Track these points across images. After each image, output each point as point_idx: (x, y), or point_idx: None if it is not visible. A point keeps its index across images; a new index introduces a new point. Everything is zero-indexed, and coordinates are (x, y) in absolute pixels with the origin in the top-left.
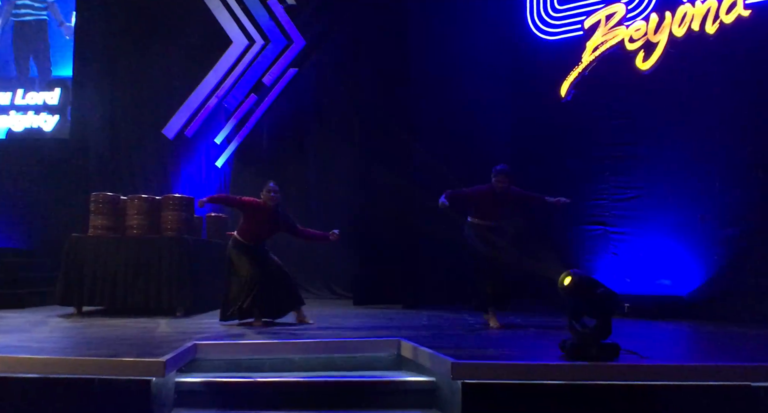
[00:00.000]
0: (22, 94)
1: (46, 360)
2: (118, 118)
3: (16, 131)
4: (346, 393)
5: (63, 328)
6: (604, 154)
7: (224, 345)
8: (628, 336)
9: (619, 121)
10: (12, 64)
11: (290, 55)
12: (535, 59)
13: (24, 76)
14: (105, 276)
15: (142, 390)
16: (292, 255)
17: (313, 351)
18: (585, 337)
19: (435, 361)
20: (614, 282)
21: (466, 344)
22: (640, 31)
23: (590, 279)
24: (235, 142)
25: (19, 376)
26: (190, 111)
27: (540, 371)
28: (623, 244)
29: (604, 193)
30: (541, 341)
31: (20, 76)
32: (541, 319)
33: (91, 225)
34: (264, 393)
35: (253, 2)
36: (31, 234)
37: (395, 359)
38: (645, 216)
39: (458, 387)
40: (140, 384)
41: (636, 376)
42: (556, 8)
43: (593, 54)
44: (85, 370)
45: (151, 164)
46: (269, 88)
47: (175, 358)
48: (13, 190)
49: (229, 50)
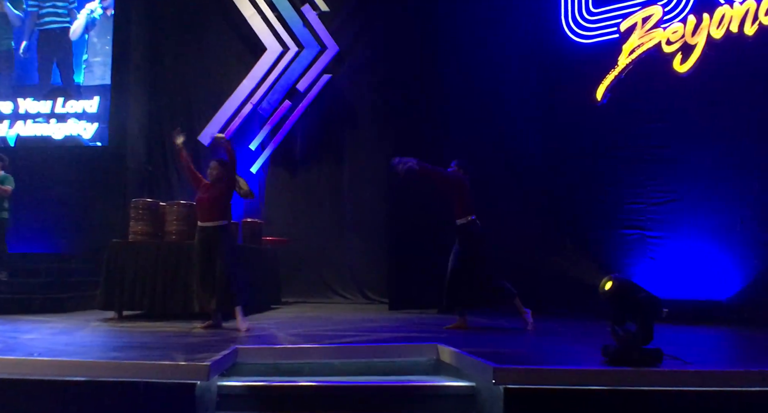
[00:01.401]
0: (62, 102)
1: (91, 363)
2: (154, 125)
3: (56, 139)
4: (386, 398)
5: (105, 332)
6: (641, 158)
7: (265, 349)
8: (669, 342)
9: (656, 124)
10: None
11: (324, 61)
12: (569, 63)
13: (45, 83)
14: (144, 281)
15: (186, 394)
16: (325, 261)
17: (353, 356)
18: (627, 342)
19: (475, 366)
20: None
21: (506, 348)
22: (678, 33)
23: (631, 284)
24: (270, 148)
25: (66, 379)
26: (226, 118)
27: (583, 376)
28: (660, 248)
29: (640, 196)
30: (582, 346)
31: (42, 83)
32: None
33: (130, 231)
34: (304, 397)
35: (287, 10)
36: (71, 239)
37: (434, 364)
38: (682, 219)
39: (500, 393)
40: (185, 388)
41: (681, 382)
42: (592, 11)
43: (630, 57)
44: (131, 374)
45: None
46: (303, 94)
47: (219, 362)
48: (54, 196)
49: (263, 57)
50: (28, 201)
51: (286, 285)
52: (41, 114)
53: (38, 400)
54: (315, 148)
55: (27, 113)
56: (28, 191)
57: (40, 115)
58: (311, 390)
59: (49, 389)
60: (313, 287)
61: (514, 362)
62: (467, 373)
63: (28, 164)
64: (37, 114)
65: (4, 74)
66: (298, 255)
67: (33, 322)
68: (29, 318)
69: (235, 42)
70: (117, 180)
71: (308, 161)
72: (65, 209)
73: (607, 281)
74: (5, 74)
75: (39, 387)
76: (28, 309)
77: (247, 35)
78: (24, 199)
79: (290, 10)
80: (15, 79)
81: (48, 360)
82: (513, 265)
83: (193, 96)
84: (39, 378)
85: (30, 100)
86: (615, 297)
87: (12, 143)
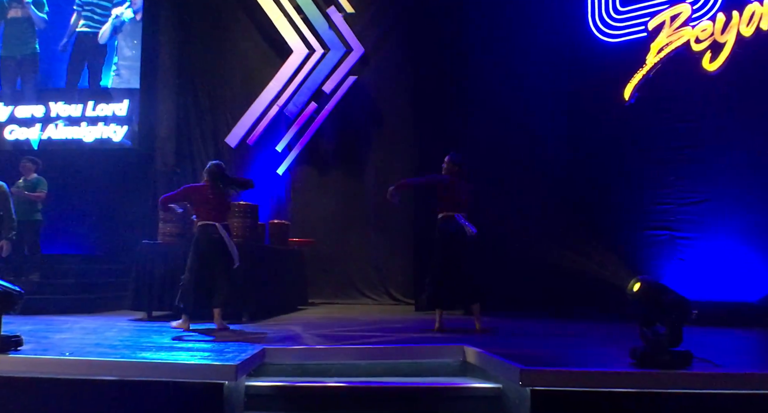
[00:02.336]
0: (93, 105)
1: (121, 363)
2: (182, 127)
3: (87, 142)
4: (412, 399)
5: (135, 332)
6: (670, 158)
7: (292, 349)
8: (699, 344)
9: (685, 123)
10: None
11: (349, 62)
12: (596, 62)
13: (73, 85)
14: (174, 281)
15: (214, 394)
16: (352, 262)
17: (379, 357)
18: (656, 344)
19: (502, 367)
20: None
21: (533, 350)
22: (707, 31)
23: (660, 285)
24: (296, 150)
25: (96, 379)
26: (252, 120)
27: (611, 378)
28: (690, 249)
29: (669, 197)
30: (610, 348)
31: (69, 85)
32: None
33: (160, 232)
34: (331, 397)
35: (313, 12)
36: (101, 241)
37: (460, 365)
38: (712, 220)
39: (527, 394)
40: (213, 388)
41: (711, 385)
42: (619, 10)
43: (658, 55)
44: (160, 373)
45: None
46: (329, 96)
47: (246, 363)
48: (84, 198)
49: (289, 59)
50: (59, 203)
51: (313, 287)
52: (72, 117)
53: (69, 399)
54: (341, 149)
55: (58, 116)
56: (59, 193)
57: (71, 118)
58: (338, 391)
59: (80, 388)
60: (339, 288)
61: (541, 364)
62: (494, 375)
63: (59, 166)
64: (68, 117)
65: (28, 77)
66: (324, 256)
67: (64, 322)
68: (61, 318)
69: (262, 44)
70: (146, 182)
71: (334, 162)
72: (96, 211)
73: (635, 282)
74: (29, 77)
75: (70, 387)
76: (60, 310)
77: (273, 38)
78: (56, 201)
79: (316, 12)
80: (40, 82)
81: (79, 359)
82: (538, 266)
83: (221, 98)
84: (70, 377)
85: (61, 104)
86: (643, 298)
87: (35, 146)
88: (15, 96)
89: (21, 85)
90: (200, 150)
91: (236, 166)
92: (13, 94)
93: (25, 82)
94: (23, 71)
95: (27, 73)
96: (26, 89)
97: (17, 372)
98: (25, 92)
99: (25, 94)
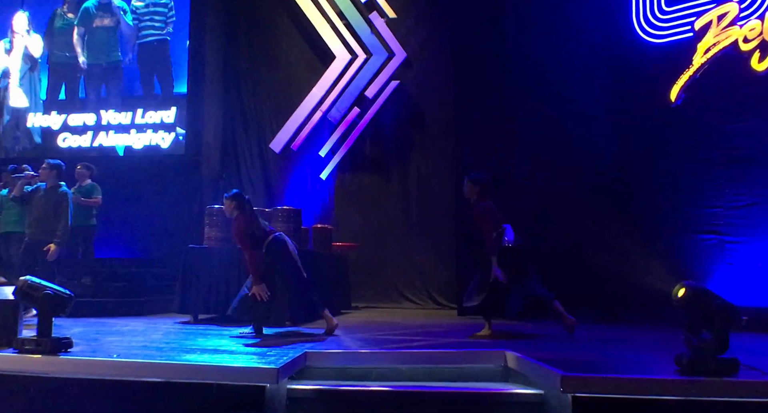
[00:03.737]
0: (142, 113)
1: (166, 365)
2: (228, 133)
3: (136, 148)
4: (453, 404)
5: (181, 335)
6: (718, 160)
7: (333, 353)
8: (748, 351)
9: (734, 125)
10: (145, 84)
11: (392, 67)
12: (641, 63)
13: (148, 94)
14: (219, 285)
15: (256, 396)
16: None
17: (420, 362)
18: (702, 351)
19: (543, 373)
20: (730, 293)
21: (575, 356)
22: (755, 30)
23: (705, 291)
24: (339, 155)
25: (143, 380)
26: (296, 125)
27: (654, 386)
28: (739, 254)
29: (718, 200)
30: (654, 355)
31: (145, 94)
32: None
33: (206, 237)
34: (372, 401)
35: (355, 17)
36: (149, 245)
37: (502, 371)
38: (763, 224)
39: (568, 401)
40: (255, 390)
41: (759, 393)
42: (664, 10)
43: (705, 56)
44: (203, 376)
45: (260, 177)
46: (372, 101)
47: (288, 366)
48: (133, 204)
49: (332, 65)
50: (110, 208)
51: (357, 291)
52: (122, 125)
53: (116, 400)
54: (383, 154)
55: (109, 124)
56: (110, 199)
57: (121, 125)
58: (379, 395)
59: (127, 389)
60: (383, 292)
61: (583, 370)
62: (535, 381)
63: (110, 173)
64: (118, 125)
65: (113, 85)
66: (368, 260)
67: (113, 325)
68: (110, 321)
69: (305, 51)
70: (193, 188)
71: (377, 167)
72: (145, 216)
73: (680, 288)
74: (114, 85)
75: (117, 388)
76: (110, 312)
77: (316, 44)
78: (107, 206)
79: (358, 17)
80: (124, 91)
81: (126, 361)
82: (584, 270)
83: (265, 105)
84: (117, 378)
85: (112, 112)
86: (688, 304)
87: (120, 152)
88: (100, 103)
89: (106, 92)
90: (246, 156)
91: (280, 171)
92: (98, 101)
93: (110, 89)
94: (108, 79)
95: (112, 80)
96: (111, 96)
97: (67, 373)
98: (110, 99)
99: (111, 102)
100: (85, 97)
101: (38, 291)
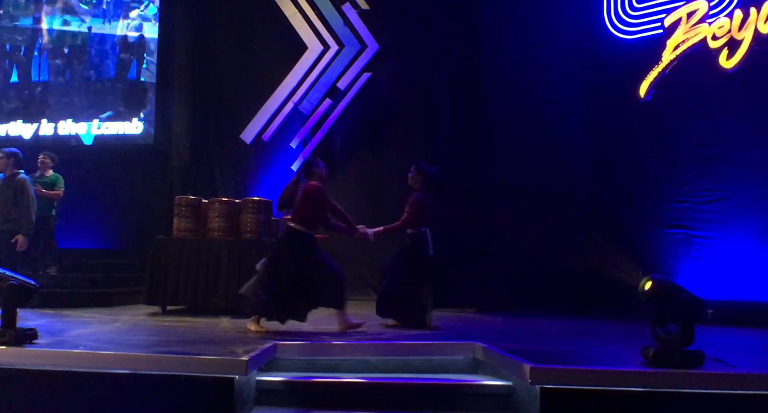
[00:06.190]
0: None
1: (134, 356)
2: (198, 123)
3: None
4: (422, 396)
5: (149, 327)
6: (686, 156)
7: (303, 345)
8: (712, 344)
9: (701, 121)
10: None
11: (364, 59)
12: (612, 59)
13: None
14: (187, 276)
15: (225, 388)
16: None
17: (390, 353)
18: (668, 344)
19: (512, 365)
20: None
21: (544, 348)
22: (724, 28)
23: (672, 285)
24: (310, 146)
25: (110, 372)
26: (267, 116)
27: (622, 377)
28: (706, 249)
29: (685, 195)
30: (621, 347)
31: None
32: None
33: (174, 228)
34: (342, 393)
35: (328, 8)
36: (117, 235)
37: (471, 362)
38: (729, 219)
39: (536, 392)
40: (224, 382)
41: (722, 385)
42: (635, 7)
43: (674, 53)
44: (172, 367)
45: (230, 168)
46: (343, 93)
47: (257, 357)
48: (101, 192)
49: (304, 56)
50: (77, 198)
51: None
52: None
53: (83, 392)
54: (354, 146)
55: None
56: (77, 188)
57: None
58: (349, 387)
59: (93, 381)
60: (353, 284)
61: (552, 362)
62: (504, 372)
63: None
64: None
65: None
66: (337, 252)
67: (80, 316)
68: (77, 312)
69: (277, 41)
70: (162, 178)
71: (348, 159)
72: (113, 206)
73: (647, 281)
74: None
75: (83, 380)
76: (76, 304)
77: (288, 34)
78: (73, 196)
79: (331, 8)
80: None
81: (93, 353)
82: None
83: (236, 95)
84: (84, 370)
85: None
86: (654, 297)
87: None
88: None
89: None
90: (216, 146)
91: (251, 162)
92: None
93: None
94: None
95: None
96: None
97: (32, 365)
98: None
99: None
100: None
101: (2, 281)
